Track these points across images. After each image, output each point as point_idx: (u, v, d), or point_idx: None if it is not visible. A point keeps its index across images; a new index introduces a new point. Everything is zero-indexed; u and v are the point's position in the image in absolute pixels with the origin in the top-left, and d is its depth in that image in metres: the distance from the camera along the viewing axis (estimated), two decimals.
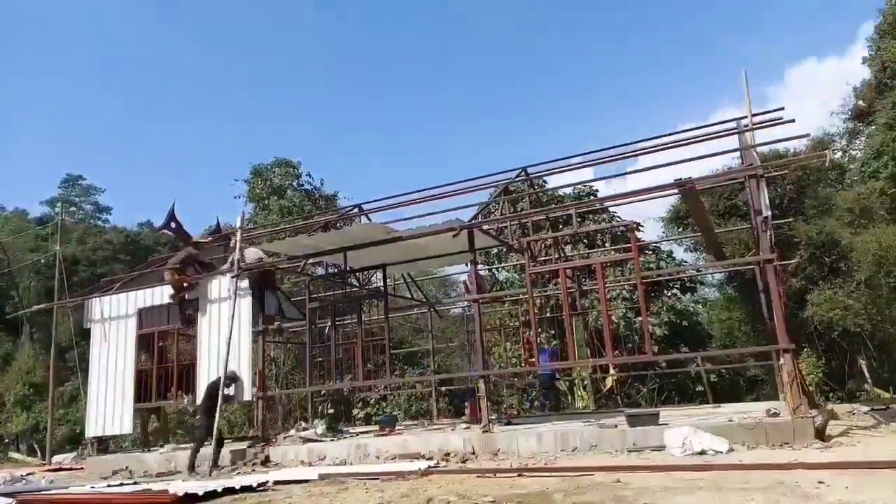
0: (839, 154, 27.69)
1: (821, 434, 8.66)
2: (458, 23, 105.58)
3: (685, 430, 8.62)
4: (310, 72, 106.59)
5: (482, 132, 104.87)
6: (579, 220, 17.93)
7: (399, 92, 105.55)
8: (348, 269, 14.07)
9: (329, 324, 17.47)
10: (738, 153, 13.74)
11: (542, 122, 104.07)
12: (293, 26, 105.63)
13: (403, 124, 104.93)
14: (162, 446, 14.88)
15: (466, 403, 15.76)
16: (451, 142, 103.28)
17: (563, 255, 17.38)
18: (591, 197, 21.01)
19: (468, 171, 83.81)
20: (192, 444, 12.04)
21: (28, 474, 14.90)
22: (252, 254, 13.71)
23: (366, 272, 16.27)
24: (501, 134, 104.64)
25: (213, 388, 12.02)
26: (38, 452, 23.61)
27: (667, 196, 14.99)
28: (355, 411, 21.46)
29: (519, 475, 7.68)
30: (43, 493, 9.94)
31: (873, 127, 24.53)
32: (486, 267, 22.32)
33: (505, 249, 18.63)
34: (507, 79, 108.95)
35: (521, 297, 19.25)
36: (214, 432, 11.38)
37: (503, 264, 23.00)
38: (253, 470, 11.22)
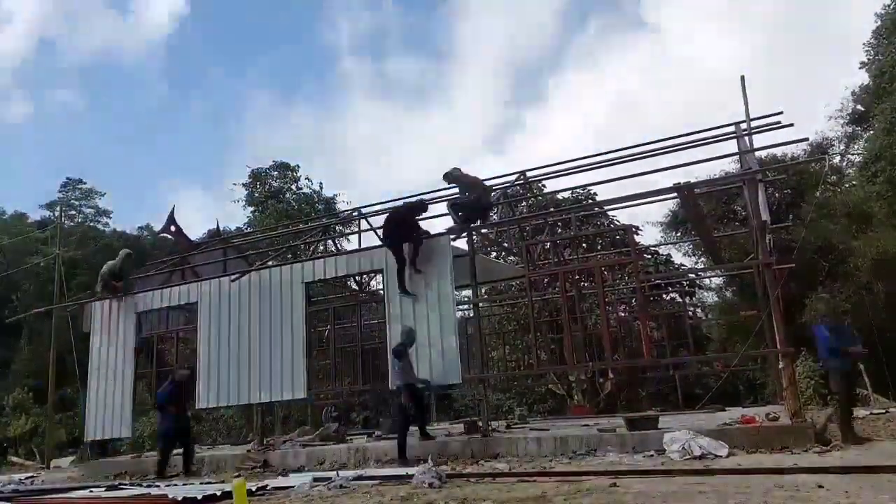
0: (837, 158, 27.76)
1: (821, 437, 8.68)
2: None
3: (684, 433, 8.63)
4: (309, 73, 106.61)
5: None
6: (578, 224, 17.98)
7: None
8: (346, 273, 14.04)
9: (328, 327, 17.49)
10: (735, 157, 13.75)
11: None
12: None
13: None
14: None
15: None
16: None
17: (562, 258, 17.41)
18: (590, 201, 21.05)
19: None
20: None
21: (27, 478, 14.89)
22: None
23: (365, 276, 16.29)
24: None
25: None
26: (38, 456, 23.57)
27: (665, 200, 15.03)
28: (353, 415, 21.45)
29: (519, 479, 7.69)
30: (42, 496, 9.93)
31: (871, 132, 24.59)
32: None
33: (504, 253, 18.66)
34: None
35: (519, 300, 19.28)
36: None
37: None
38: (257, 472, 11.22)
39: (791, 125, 10.96)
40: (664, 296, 21.55)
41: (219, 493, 8.08)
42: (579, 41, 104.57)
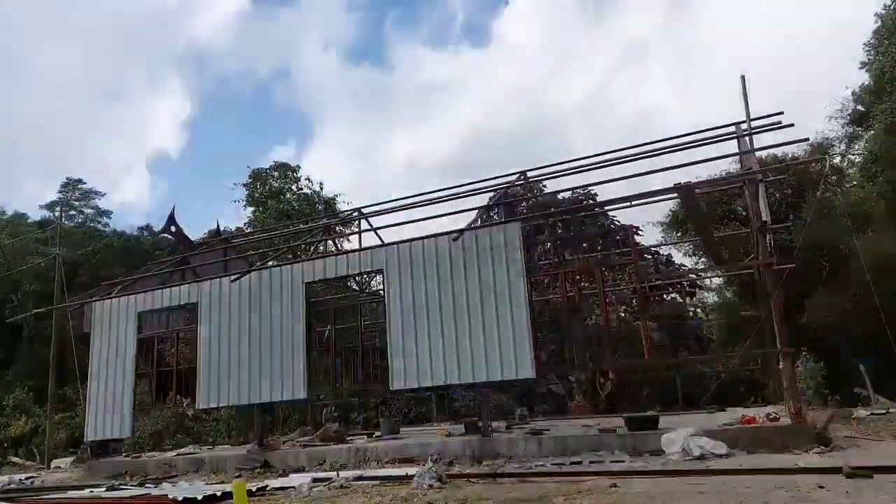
0: (838, 158, 27.72)
1: (821, 438, 8.68)
2: None
3: (684, 433, 8.62)
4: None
5: None
6: (579, 224, 17.99)
7: None
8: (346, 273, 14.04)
9: (328, 327, 17.49)
10: (736, 157, 13.75)
11: None
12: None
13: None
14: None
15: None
16: None
17: (562, 259, 17.40)
18: (590, 201, 21.03)
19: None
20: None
21: (28, 478, 14.88)
22: None
23: (365, 276, 16.28)
24: None
25: None
26: (38, 456, 23.54)
27: (666, 200, 15.02)
28: (353, 415, 21.45)
29: (519, 479, 7.69)
30: (42, 496, 9.93)
31: (872, 132, 24.58)
32: None
33: None
34: None
35: None
36: None
37: None
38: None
39: (791, 125, 10.95)
40: (665, 296, 21.53)
41: (219, 493, 8.08)
42: None
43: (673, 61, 75.54)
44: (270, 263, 14.04)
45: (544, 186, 18.95)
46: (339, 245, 17.85)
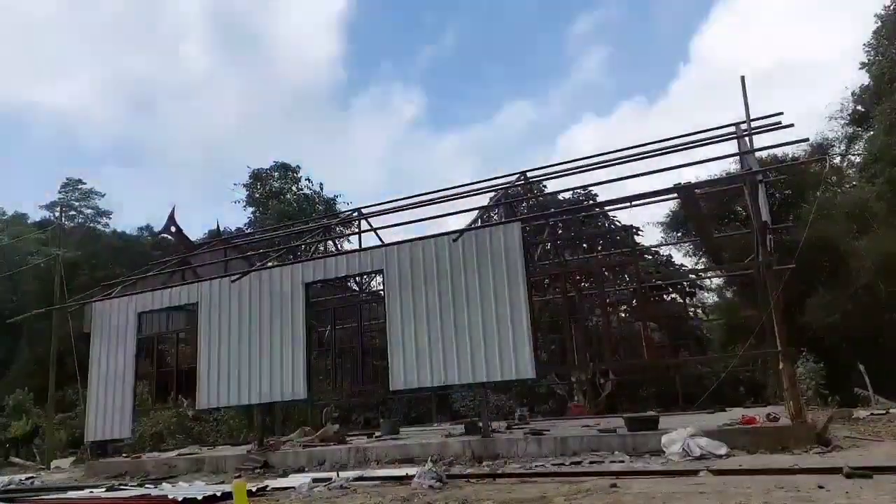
0: (838, 159, 27.73)
1: (821, 438, 8.68)
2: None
3: (684, 434, 8.63)
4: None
5: None
6: (580, 224, 17.98)
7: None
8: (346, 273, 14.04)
9: (329, 328, 17.47)
10: (736, 158, 13.75)
11: None
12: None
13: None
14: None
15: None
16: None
17: (562, 259, 17.40)
18: (591, 201, 21.04)
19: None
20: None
21: (28, 478, 14.88)
22: None
23: (365, 276, 16.25)
24: None
25: None
26: (38, 457, 23.55)
27: (666, 201, 15.03)
28: (353, 415, 21.46)
29: (520, 480, 7.70)
30: (42, 496, 9.93)
31: (872, 132, 24.59)
32: None
33: None
34: None
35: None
36: None
37: None
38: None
39: (791, 125, 10.95)
40: (665, 296, 21.53)
41: (219, 494, 8.09)
42: None
43: None
44: (270, 264, 14.04)
45: (544, 187, 18.97)
46: (339, 245, 17.84)
